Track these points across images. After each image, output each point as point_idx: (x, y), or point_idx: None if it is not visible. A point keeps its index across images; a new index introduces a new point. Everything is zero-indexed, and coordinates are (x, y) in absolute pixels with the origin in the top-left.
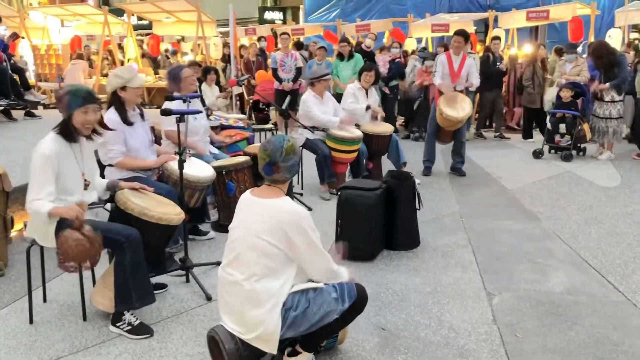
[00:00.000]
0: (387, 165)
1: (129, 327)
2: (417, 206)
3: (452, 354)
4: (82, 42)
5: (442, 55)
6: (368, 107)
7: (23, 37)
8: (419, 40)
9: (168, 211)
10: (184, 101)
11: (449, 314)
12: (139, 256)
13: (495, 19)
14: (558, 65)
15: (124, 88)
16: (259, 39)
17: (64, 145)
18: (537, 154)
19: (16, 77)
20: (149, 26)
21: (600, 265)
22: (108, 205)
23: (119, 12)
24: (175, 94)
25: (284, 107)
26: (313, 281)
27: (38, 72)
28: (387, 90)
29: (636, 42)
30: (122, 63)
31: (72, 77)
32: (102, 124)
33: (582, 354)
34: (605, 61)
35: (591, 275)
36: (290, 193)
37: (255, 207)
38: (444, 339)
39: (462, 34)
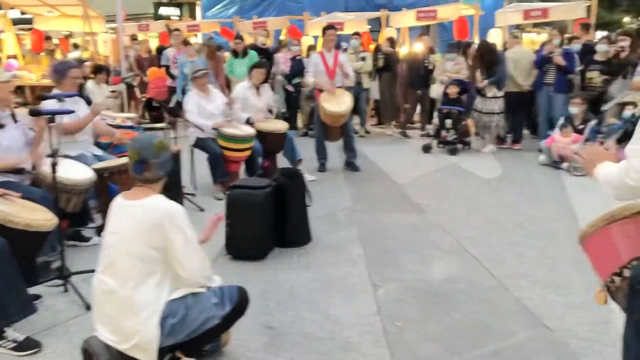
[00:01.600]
0: (283, 163)
1: (14, 345)
2: (307, 202)
3: (336, 348)
4: None
5: (314, 55)
6: (248, 120)
7: None
8: (316, 38)
9: (37, 217)
10: (59, 100)
11: (335, 308)
12: (10, 265)
13: (388, 19)
14: (439, 63)
15: None
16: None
17: None
18: (427, 149)
19: None
20: (29, 20)
21: (479, 253)
22: None
23: None
24: (53, 92)
25: (171, 104)
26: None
27: None
28: (290, 88)
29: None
30: None
31: None
32: None
33: (458, 338)
34: (487, 59)
35: (470, 263)
36: (181, 193)
37: (128, 210)
38: (329, 333)
39: (331, 27)
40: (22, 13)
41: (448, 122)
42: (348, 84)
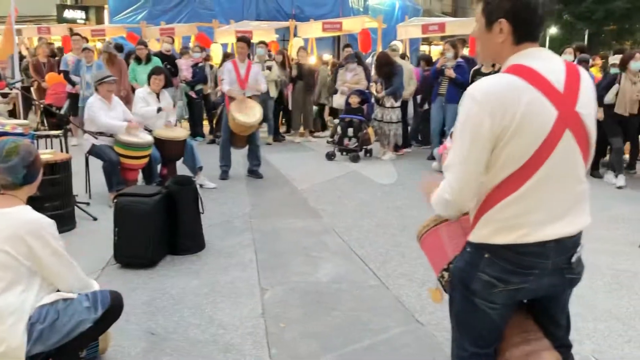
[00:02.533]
0: (183, 170)
1: None
2: (200, 209)
3: (217, 350)
4: None
5: (228, 63)
6: (159, 109)
7: None
8: (225, 46)
9: None
10: None
11: (221, 312)
12: None
13: (296, 29)
14: (340, 73)
15: None
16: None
17: None
18: (330, 156)
19: None
20: None
21: (366, 254)
22: None
23: None
24: None
25: (62, 111)
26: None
27: None
28: (193, 95)
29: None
30: None
31: None
32: None
33: (335, 335)
34: (385, 71)
35: (356, 264)
36: (72, 202)
37: None
38: (212, 336)
39: (245, 39)
40: None
41: (350, 131)
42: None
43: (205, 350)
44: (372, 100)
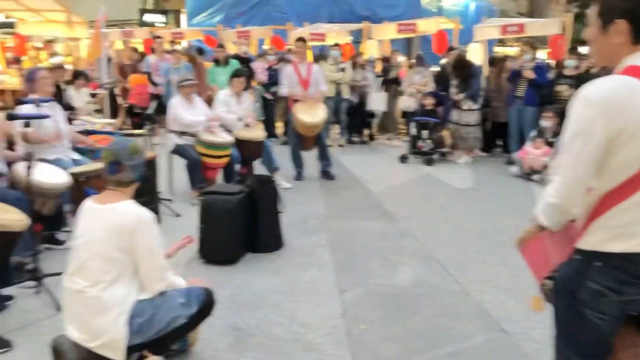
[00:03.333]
0: (260, 171)
1: None
2: (280, 209)
3: (299, 348)
4: None
5: (287, 67)
6: (240, 119)
7: None
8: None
9: (8, 217)
10: (37, 105)
11: (302, 311)
12: None
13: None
14: (407, 75)
15: None
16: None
17: None
18: (403, 159)
19: None
20: (11, 24)
21: (445, 259)
22: None
23: None
24: (30, 96)
25: (149, 111)
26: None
27: None
28: (268, 96)
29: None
30: None
31: None
32: None
33: (417, 340)
34: (463, 72)
35: (435, 268)
36: (157, 199)
37: (97, 214)
38: (294, 334)
39: (301, 39)
40: (6, 17)
41: (424, 133)
42: (326, 94)
43: (287, 348)
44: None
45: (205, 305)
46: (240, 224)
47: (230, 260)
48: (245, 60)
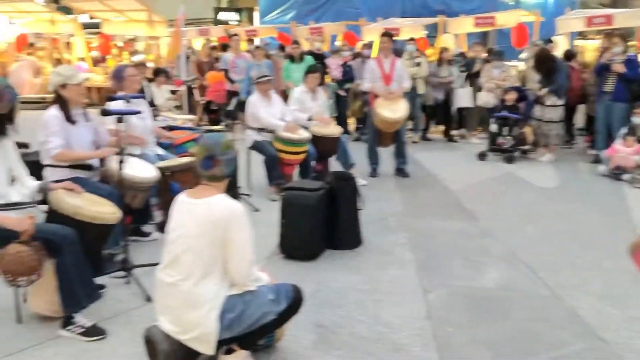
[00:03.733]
0: (335, 167)
1: (82, 330)
2: (359, 206)
3: (385, 349)
4: (28, 40)
5: (370, 61)
6: (310, 119)
7: None
8: (370, 45)
9: (103, 210)
10: (127, 101)
11: (385, 311)
12: (78, 254)
13: (445, 25)
14: (486, 70)
15: (64, 86)
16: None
17: None
18: (482, 156)
19: None
20: (97, 25)
21: (532, 261)
22: (42, 207)
23: (68, 11)
24: (119, 93)
25: (230, 108)
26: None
27: None
28: (342, 93)
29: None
30: (69, 62)
31: (18, 75)
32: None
33: (507, 345)
34: (546, 67)
35: (523, 271)
36: (237, 193)
37: (191, 208)
38: (378, 334)
39: (387, 34)
40: (91, 18)
41: (505, 130)
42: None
43: (373, 348)
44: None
45: (294, 302)
46: (321, 221)
47: (310, 256)
48: (319, 57)
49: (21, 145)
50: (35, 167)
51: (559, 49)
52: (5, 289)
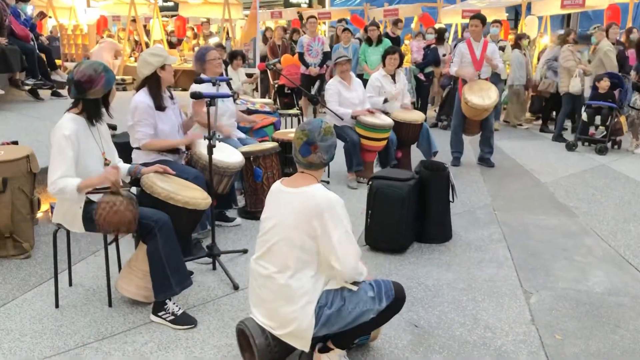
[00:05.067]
0: (416, 154)
1: (172, 317)
2: (451, 198)
3: (490, 355)
4: (107, 22)
5: (461, 44)
6: (386, 100)
7: (50, 17)
8: (449, 27)
9: (195, 195)
10: (214, 84)
11: (485, 312)
12: (172, 239)
13: (528, 6)
14: (571, 53)
15: (163, 67)
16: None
17: (83, 125)
18: (571, 146)
19: (43, 56)
20: (175, 8)
21: None
22: (134, 190)
23: None
24: (204, 76)
25: (312, 92)
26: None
27: (64, 52)
28: (422, 77)
29: None
30: (147, 45)
31: (99, 57)
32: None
33: (625, 359)
34: None
35: (633, 275)
36: None
37: (287, 197)
38: (480, 338)
39: (479, 17)
40: (165, 0)
41: (597, 119)
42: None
43: (476, 353)
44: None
45: (396, 301)
46: (410, 212)
47: (397, 249)
48: (394, 40)
49: (109, 127)
50: (122, 149)
51: None
52: (97, 271)
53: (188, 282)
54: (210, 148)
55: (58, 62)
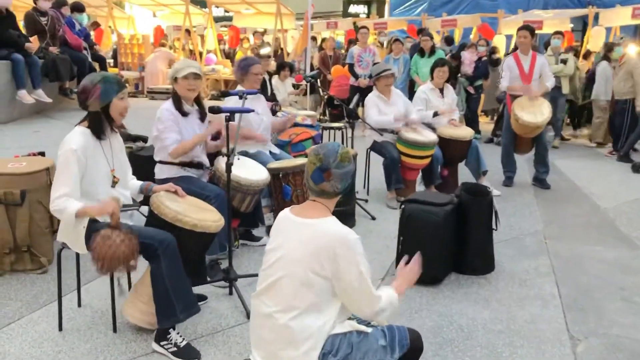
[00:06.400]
0: (464, 173)
1: (174, 349)
2: (494, 226)
3: None
4: (164, 32)
5: (509, 58)
6: (435, 114)
7: (110, 27)
8: (509, 37)
9: (205, 217)
10: (240, 97)
11: None
12: (177, 262)
13: (596, 17)
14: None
15: (175, 79)
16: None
17: (92, 140)
18: (638, 168)
19: (97, 65)
20: (230, 18)
21: None
22: (144, 209)
23: (203, 4)
24: (238, 87)
25: (351, 105)
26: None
27: (121, 60)
28: (471, 90)
29: None
30: (200, 55)
31: (154, 66)
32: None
33: None
34: None
35: None
36: (353, 199)
37: (296, 228)
38: None
39: (528, 28)
40: (225, 11)
41: None
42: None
43: None
44: None
45: (411, 351)
46: (447, 241)
47: (432, 280)
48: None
49: (138, 139)
50: (146, 163)
51: None
52: (104, 293)
53: (195, 309)
54: (229, 166)
55: (114, 70)
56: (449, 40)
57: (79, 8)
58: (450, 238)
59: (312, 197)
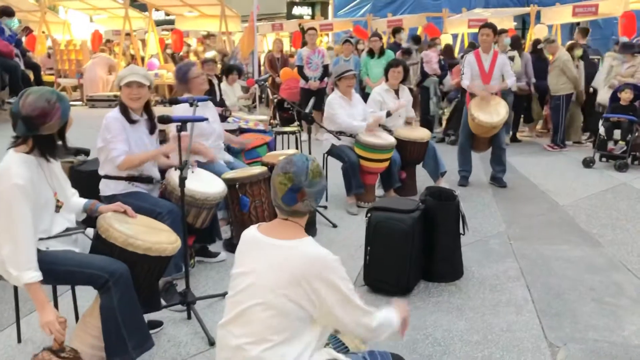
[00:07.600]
0: (422, 174)
1: None
2: (462, 230)
3: None
4: (102, 37)
5: (469, 55)
6: (389, 114)
7: (43, 32)
8: (455, 36)
9: (160, 239)
10: (191, 105)
11: None
12: (130, 295)
13: (538, 15)
14: (615, 65)
15: (120, 88)
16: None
17: (34, 165)
18: (588, 163)
19: (30, 74)
20: (172, 21)
21: None
22: (89, 232)
23: (143, 7)
24: (184, 96)
25: (307, 110)
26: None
27: (57, 67)
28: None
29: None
30: (142, 59)
31: (93, 72)
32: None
33: None
34: None
35: None
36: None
37: (267, 250)
38: None
39: (490, 26)
40: (167, 14)
41: (616, 133)
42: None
43: None
44: None
45: None
46: (416, 248)
47: (402, 290)
48: (407, 52)
49: (79, 152)
50: (90, 178)
51: None
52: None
53: (148, 344)
54: (182, 180)
55: (50, 78)
56: (416, 39)
57: (8, 12)
58: (418, 245)
59: (282, 216)
